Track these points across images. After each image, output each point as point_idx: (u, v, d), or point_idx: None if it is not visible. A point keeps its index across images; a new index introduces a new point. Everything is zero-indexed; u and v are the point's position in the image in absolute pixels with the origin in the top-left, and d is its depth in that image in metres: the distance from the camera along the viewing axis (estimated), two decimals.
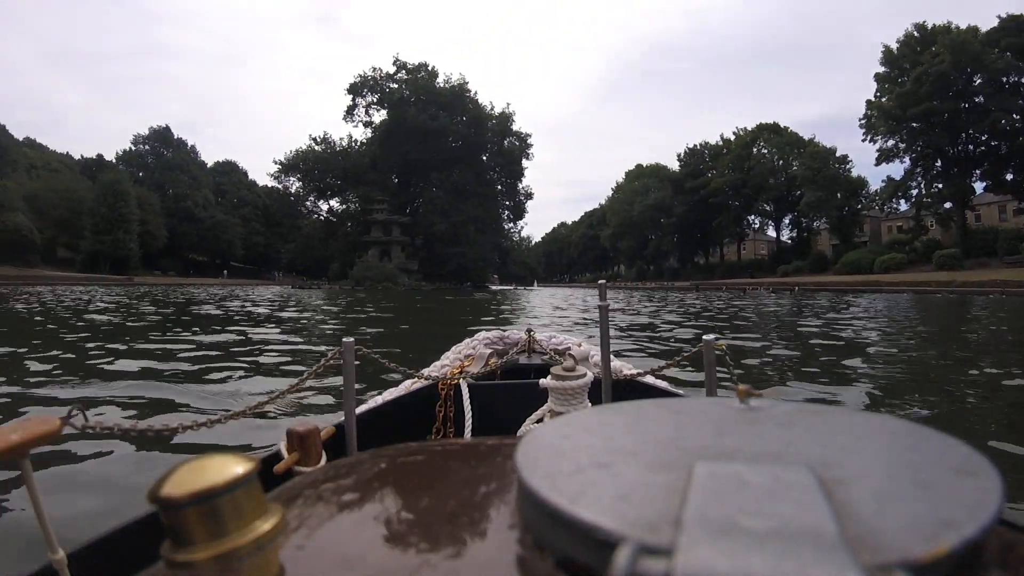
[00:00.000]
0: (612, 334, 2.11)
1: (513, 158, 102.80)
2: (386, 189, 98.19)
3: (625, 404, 0.63)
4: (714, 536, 0.35)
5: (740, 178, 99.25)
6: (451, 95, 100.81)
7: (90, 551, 1.17)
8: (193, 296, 37.00)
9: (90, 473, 3.56)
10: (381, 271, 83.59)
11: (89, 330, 13.09)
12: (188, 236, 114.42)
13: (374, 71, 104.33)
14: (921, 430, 0.52)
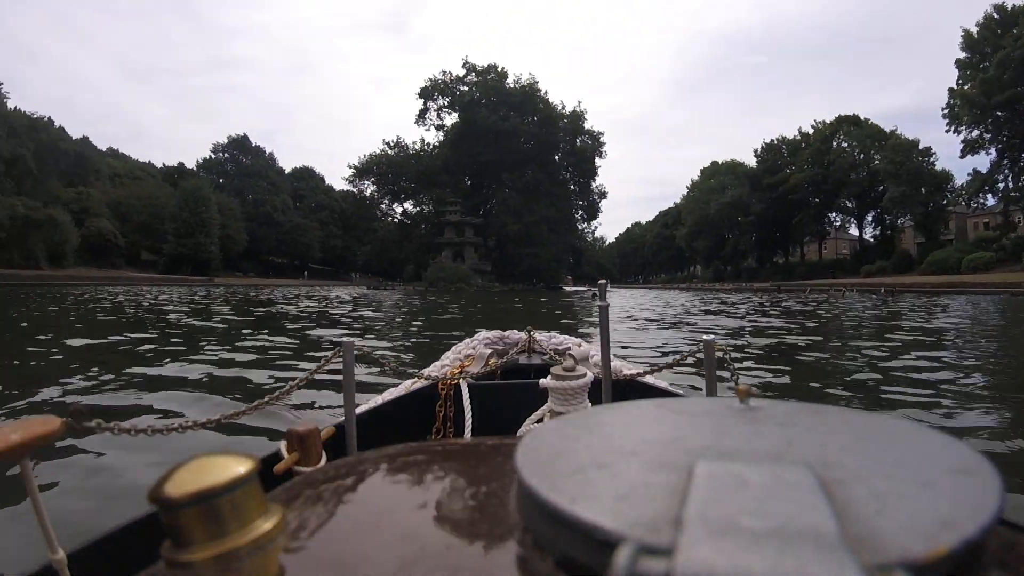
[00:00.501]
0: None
1: (586, 157, 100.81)
2: (459, 191, 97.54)
3: (625, 404, 0.63)
4: (714, 536, 0.35)
5: (820, 173, 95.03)
6: (521, 95, 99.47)
7: (90, 551, 1.17)
8: (269, 296, 37.94)
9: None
10: (454, 272, 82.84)
11: (139, 326, 13.79)
12: (268, 239, 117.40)
13: (444, 75, 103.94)
14: (921, 430, 0.52)
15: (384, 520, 0.55)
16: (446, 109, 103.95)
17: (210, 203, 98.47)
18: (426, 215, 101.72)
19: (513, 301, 36.97)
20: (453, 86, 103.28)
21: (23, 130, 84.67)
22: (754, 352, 9.68)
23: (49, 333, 11.92)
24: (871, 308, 26.23)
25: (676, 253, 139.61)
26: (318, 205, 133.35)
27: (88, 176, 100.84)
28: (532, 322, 3.83)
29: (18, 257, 73.66)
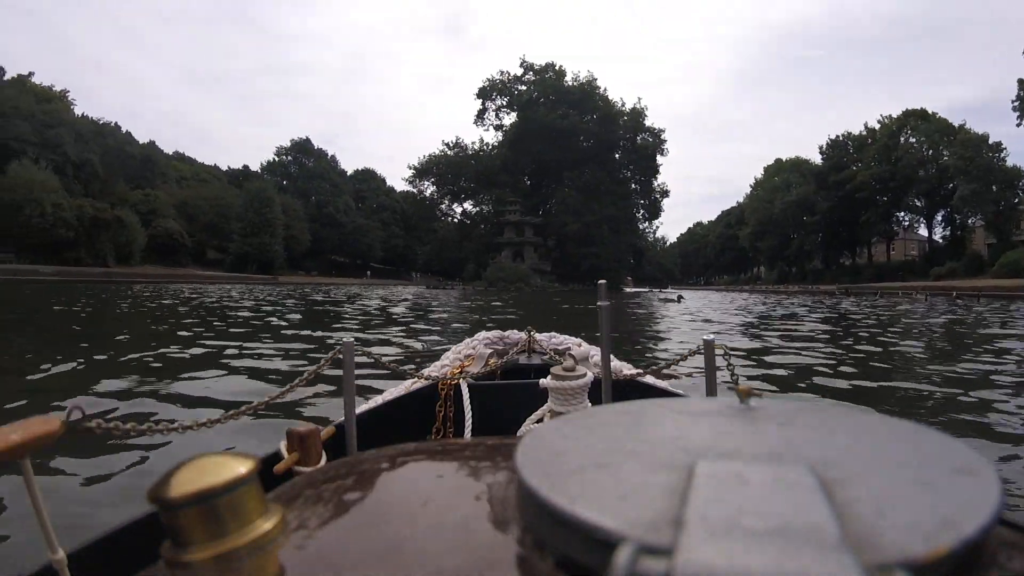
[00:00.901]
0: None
1: (647, 154, 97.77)
2: (518, 190, 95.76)
3: (625, 404, 0.63)
4: (714, 536, 0.34)
5: (887, 170, 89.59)
6: (580, 93, 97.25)
7: (90, 551, 1.16)
8: (331, 295, 38.54)
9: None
10: (514, 272, 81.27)
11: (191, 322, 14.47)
12: (330, 239, 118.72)
13: (502, 74, 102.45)
14: (921, 430, 0.52)
15: (384, 520, 0.55)
16: (504, 109, 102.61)
17: (274, 204, 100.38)
18: (485, 215, 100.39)
19: (576, 302, 35.51)
20: (511, 85, 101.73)
21: (90, 135, 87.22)
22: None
23: (83, 326, 12.65)
24: (950, 314, 23.82)
25: (739, 254, 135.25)
26: (380, 206, 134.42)
27: (155, 179, 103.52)
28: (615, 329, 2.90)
29: (87, 256, 75.21)
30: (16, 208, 68.81)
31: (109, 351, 8.90)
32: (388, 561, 0.47)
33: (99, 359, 8.22)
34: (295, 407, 5.17)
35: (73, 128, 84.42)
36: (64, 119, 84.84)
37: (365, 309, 23.12)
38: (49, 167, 74.76)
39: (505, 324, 15.37)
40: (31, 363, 7.72)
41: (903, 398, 6.39)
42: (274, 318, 17.06)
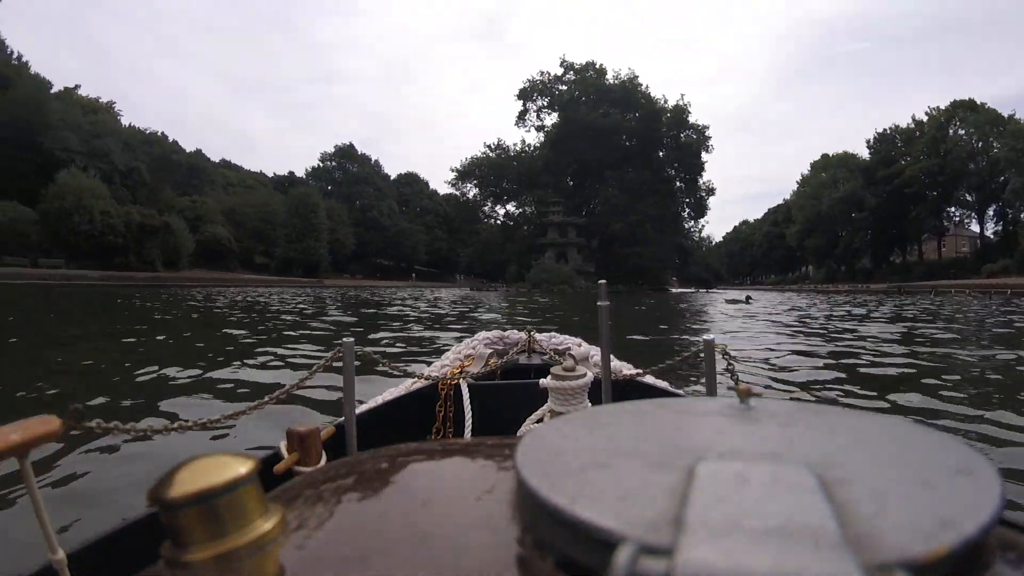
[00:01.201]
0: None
1: (691, 152, 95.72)
2: (561, 191, 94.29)
3: (625, 404, 0.62)
4: (714, 536, 0.34)
5: (936, 164, 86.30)
6: (621, 91, 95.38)
7: (90, 551, 1.16)
8: (376, 297, 38.85)
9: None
10: (557, 273, 79.85)
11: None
12: (375, 243, 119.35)
13: (542, 75, 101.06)
14: (921, 430, 0.51)
15: (384, 520, 0.55)
16: (545, 109, 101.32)
17: (319, 209, 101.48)
18: (528, 216, 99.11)
19: (621, 303, 34.22)
20: (551, 86, 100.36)
21: (136, 144, 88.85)
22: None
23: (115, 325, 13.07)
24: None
25: (786, 253, 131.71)
26: (423, 209, 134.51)
27: (202, 186, 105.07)
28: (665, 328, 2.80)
29: (136, 261, 76.17)
30: (65, 215, 69.72)
31: (140, 350, 9.17)
32: (388, 561, 0.47)
33: (122, 359, 8.34)
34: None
35: (120, 137, 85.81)
36: (111, 129, 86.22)
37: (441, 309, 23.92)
38: (97, 175, 75.60)
39: (551, 324, 11.96)
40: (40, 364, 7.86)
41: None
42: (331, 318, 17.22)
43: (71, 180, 71.11)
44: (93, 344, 10.24)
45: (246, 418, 1.85)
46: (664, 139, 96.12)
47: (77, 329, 12.99)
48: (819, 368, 8.29)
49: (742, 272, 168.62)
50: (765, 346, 11.12)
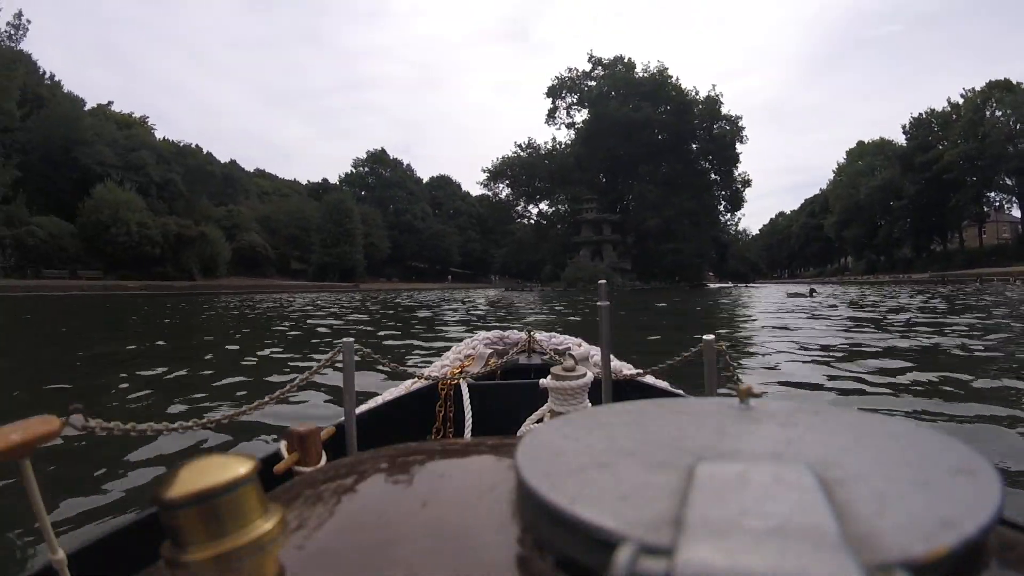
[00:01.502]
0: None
1: (725, 143, 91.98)
2: (594, 188, 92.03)
3: (625, 404, 0.62)
4: (714, 536, 0.34)
5: (975, 148, 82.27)
6: (651, 84, 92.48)
7: (90, 551, 1.15)
8: (415, 299, 38.94)
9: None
10: (593, 271, 77.02)
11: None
12: (409, 246, 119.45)
13: (570, 72, 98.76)
14: (921, 430, 0.51)
15: (384, 520, 0.54)
16: (575, 106, 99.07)
17: (353, 214, 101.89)
18: (562, 214, 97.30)
19: (662, 300, 33.08)
20: (580, 82, 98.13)
21: (171, 156, 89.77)
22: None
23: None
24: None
25: (825, 244, 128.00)
26: (456, 211, 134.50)
27: (237, 195, 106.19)
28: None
29: (173, 270, 77.11)
30: (103, 228, 70.84)
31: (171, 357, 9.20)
32: (388, 561, 0.46)
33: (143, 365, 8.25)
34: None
35: (155, 150, 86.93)
36: (145, 142, 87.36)
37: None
38: (133, 188, 76.53)
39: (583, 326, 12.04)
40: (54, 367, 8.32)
41: None
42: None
43: (107, 194, 72.09)
44: (109, 348, 10.60)
45: (246, 418, 1.85)
46: (697, 131, 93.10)
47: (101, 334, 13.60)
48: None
49: (780, 265, 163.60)
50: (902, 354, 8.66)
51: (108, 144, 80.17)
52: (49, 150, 74.62)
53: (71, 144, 75.87)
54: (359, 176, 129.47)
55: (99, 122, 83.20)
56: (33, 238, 67.61)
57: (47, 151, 74.47)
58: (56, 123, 75.18)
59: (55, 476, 3.49)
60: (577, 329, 4.91)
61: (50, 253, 68.79)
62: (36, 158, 73.91)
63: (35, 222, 69.04)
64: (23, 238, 66.96)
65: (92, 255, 72.19)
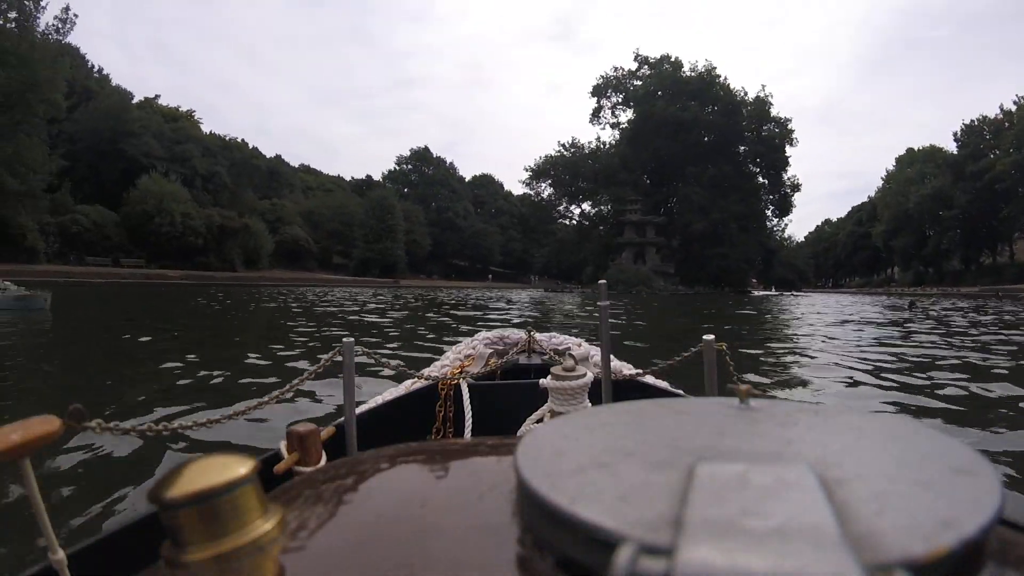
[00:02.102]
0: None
1: (774, 145, 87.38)
2: (638, 188, 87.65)
3: (625, 404, 0.61)
4: (715, 536, 0.33)
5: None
6: (699, 83, 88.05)
7: (90, 551, 1.14)
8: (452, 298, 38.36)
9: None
10: (635, 274, 74.09)
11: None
12: (451, 244, 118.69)
13: (615, 71, 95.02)
14: (921, 430, 0.51)
15: (384, 520, 0.54)
16: (620, 106, 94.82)
17: (395, 210, 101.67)
18: (604, 215, 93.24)
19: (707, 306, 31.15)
20: (626, 81, 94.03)
21: (217, 150, 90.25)
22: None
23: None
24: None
25: (872, 253, 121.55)
26: (498, 210, 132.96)
27: (282, 189, 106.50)
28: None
29: (216, 261, 77.84)
30: (147, 217, 71.47)
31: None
32: (388, 561, 0.46)
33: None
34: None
35: (200, 143, 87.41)
36: (192, 135, 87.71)
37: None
38: (178, 179, 77.10)
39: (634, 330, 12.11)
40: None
41: None
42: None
43: (152, 184, 72.56)
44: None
45: (246, 418, 1.82)
46: (745, 133, 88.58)
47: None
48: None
49: (825, 274, 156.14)
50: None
51: (154, 136, 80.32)
52: (96, 141, 75.01)
53: (118, 136, 76.10)
54: (402, 173, 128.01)
55: (146, 115, 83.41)
56: (77, 226, 68.14)
57: (94, 142, 74.89)
58: (103, 115, 75.49)
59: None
60: (638, 334, 6.27)
61: (94, 241, 69.60)
62: (83, 149, 74.52)
63: (80, 211, 69.69)
64: (67, 226, 67.34)
65: (136, 244, 72.87)
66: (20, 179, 57.31)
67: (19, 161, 57.21)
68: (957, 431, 4.87)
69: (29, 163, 58.38)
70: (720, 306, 32.82)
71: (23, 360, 8.97)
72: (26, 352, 9.79)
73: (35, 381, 7.26)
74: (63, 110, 63.37)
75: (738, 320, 21.14)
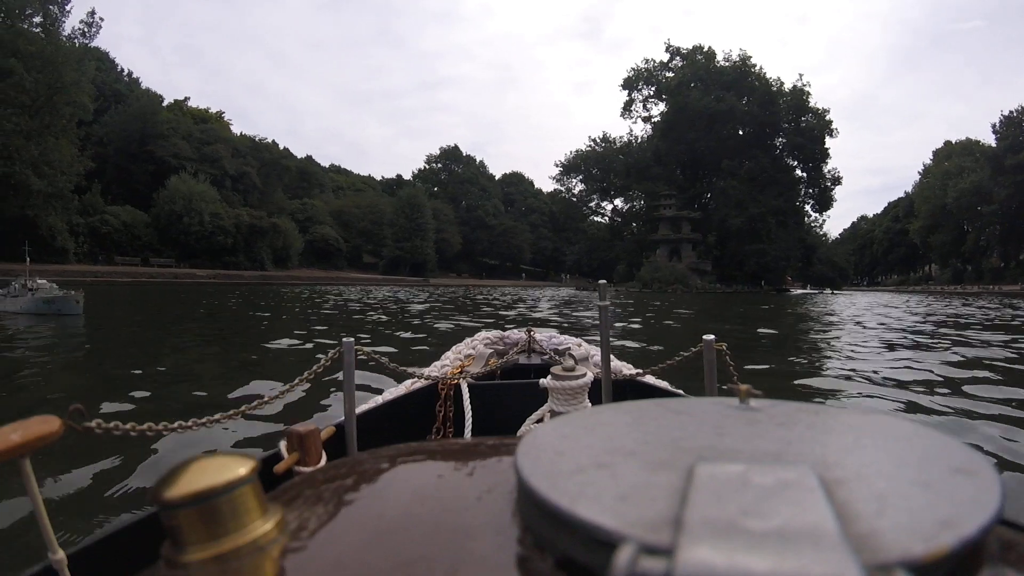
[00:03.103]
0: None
1: (813, 137, 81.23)
2: (672, 183, 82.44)
3: (625, 404, 0.61)
4: (715, 536, 0.33)
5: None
6: (734, 73, 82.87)
7: (90, 551, 1.13)
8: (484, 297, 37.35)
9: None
10: (671, 272, 69.72)
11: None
12: (481, 242, 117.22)
13: (646, 63, 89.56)
14: (921, 430, 0.50)
15: (384, 520, 0.52)
16: (652, 100, 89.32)
17: (425, 209, 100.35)
18: (637, 212, 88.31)
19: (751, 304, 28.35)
20: (657, 73, 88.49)
21: (247, 150, 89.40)
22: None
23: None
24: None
25: (909, 251, 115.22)
26: (528, 208, 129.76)
27: (312, 189, 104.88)
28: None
29: (245, 260, 77.42)
30: (176, 217, 70.96)
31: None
32: (388, 561, 0.45)
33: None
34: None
35: (230, 144, 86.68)
36: (220, 136, 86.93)
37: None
38: (207, 180, 75.82)
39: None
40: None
41: None
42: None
43: (181, 184, 71.65)
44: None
45: (246, 418, 1.76)
46: (783, 124, 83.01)
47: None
48: None
49: (861, 272, 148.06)
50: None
51: (183, 137, 79.43)
52: (126, 143, 74.58)
53: (147, 138, 75.45)
54: (432, 172, 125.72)
55: (175, 116, 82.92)
56: (106, 226, 67.53)
57: (124, 144, 74.38)
58: (132, 117, 75.00)
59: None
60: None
61: (124, 241, 69.01)
62: (113, 151, 73.92)
63: (110, 211, 69.02)
64: (96, 226, 66.67)
65: (166, 244, 72.12)
66: (47, 180, 56.29)
67: (45, 162, 56.30)
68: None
69: (57, 164, 57.49)
70: (763, 305, 30.13)
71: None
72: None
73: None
74: (90, 112, 62.48)
75: (793, 322, 18.94)
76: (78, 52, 59.84)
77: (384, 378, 5.37)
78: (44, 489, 0.91)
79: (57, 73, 55.72)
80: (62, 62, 56.13)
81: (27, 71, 53.10)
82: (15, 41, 53.01)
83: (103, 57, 77.28)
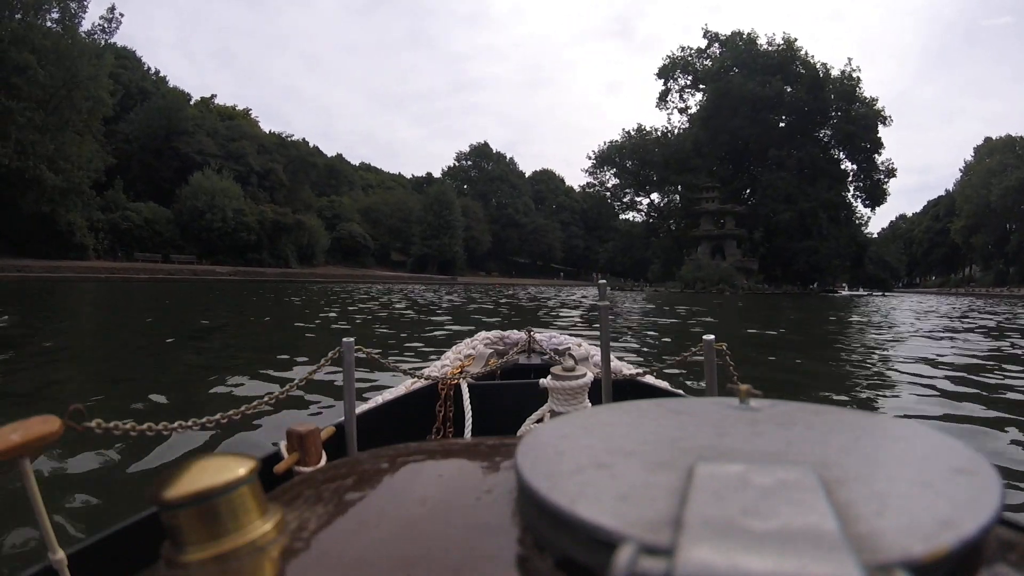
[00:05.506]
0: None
1: (864, 125, 73.00)
2: (713, 175, 74.96)
3: (625, 404, 0.59)
4: (715, 536, 0.32)
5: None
6: (778, 58, 75.03)
7: (90, 551, 1.11)
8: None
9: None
10: (714, 271, 62.87)
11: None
12: (511, 240, 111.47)
13: (683, 50, 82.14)
14: (921, 430, 0.49)
15: (384, 520, 0.51)
16: (689, 89, 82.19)
17: (454, 206, 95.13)
18: (674, 208, 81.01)
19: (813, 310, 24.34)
20: (695, 60, 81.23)
21: (273, 148, 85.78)
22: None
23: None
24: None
25: (950, 251, 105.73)
26: (559, 207, 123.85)
27: (341, 186, 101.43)
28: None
29: (269, 257, 73.86)
30: (198, 213, 67.62)
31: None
32: (388, 561, 0.44)
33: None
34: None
35: (256, 141, 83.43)
36: (247, 133, 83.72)
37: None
38: (231, 176, 72.54)
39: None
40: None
41: None
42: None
43: (204, 180, 68.44)
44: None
45: (246, 418, 1.79)
46: (832, 112, 74.97)
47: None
48: None
49: (898, 273, 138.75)
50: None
51: (208, 134, 76.23)
52: (150, 140, 71.55)
53: (172, 134, 72.32)
54: (462, 169, 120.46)
55: (201, 113, 79.93)
56: (127, 222, 64.02)
57: (148, 141, 71.34)
58: (157, 114, 71.92)
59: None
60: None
61: (145, 237, 65.46)
62: (137, 148, 70.83)
63: (131, 207, 65.57)
64: (117, 222, 63.20)
65: (188, 240, 68.59)
66: (64, 175, 52.67)
67: (61, 157, 52.57)
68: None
69: (74, 160, 53.89)
70: (831, 312, 23.86)
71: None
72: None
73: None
74: (110, 107, 58.89)
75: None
76: (96, 47, 56.51)
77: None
78: (44, 489, 0.93)
79: (74, 68, 52.29)
80: (78, 56, 52.72)
81: (41, 65, 49.78)
82: (28, 35, 49.75)
83: (130, 56, 74.76)
